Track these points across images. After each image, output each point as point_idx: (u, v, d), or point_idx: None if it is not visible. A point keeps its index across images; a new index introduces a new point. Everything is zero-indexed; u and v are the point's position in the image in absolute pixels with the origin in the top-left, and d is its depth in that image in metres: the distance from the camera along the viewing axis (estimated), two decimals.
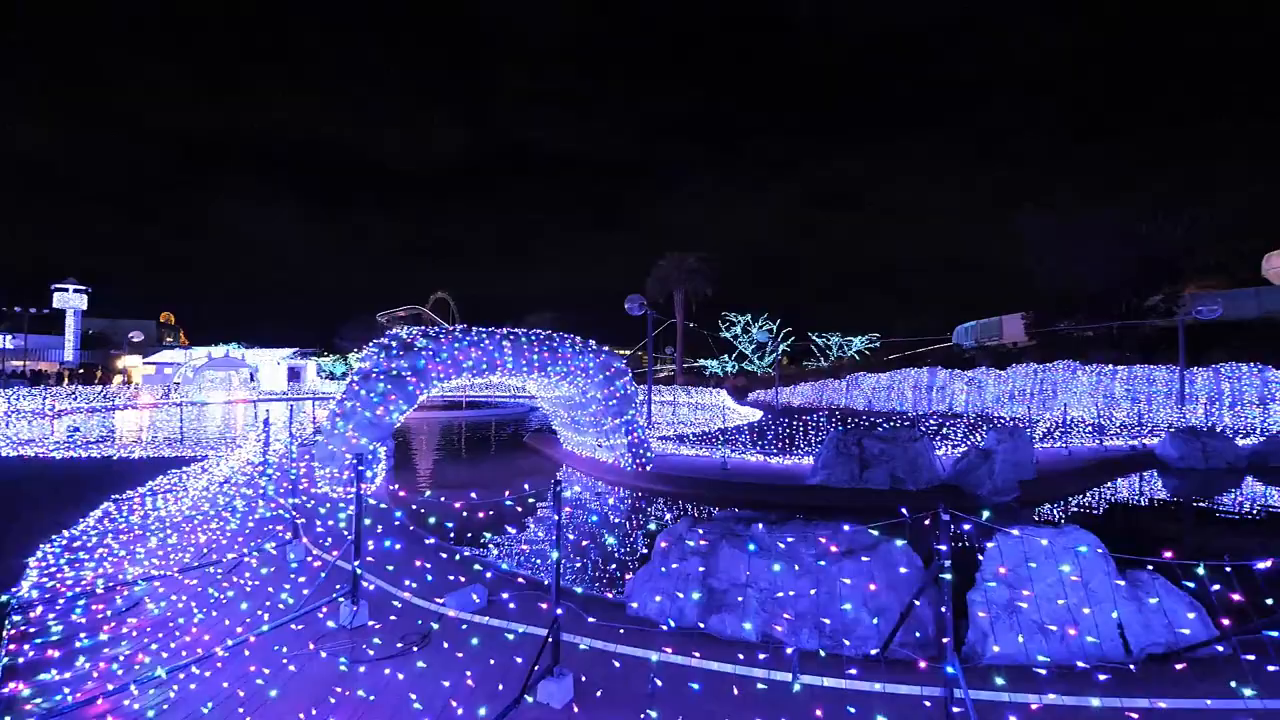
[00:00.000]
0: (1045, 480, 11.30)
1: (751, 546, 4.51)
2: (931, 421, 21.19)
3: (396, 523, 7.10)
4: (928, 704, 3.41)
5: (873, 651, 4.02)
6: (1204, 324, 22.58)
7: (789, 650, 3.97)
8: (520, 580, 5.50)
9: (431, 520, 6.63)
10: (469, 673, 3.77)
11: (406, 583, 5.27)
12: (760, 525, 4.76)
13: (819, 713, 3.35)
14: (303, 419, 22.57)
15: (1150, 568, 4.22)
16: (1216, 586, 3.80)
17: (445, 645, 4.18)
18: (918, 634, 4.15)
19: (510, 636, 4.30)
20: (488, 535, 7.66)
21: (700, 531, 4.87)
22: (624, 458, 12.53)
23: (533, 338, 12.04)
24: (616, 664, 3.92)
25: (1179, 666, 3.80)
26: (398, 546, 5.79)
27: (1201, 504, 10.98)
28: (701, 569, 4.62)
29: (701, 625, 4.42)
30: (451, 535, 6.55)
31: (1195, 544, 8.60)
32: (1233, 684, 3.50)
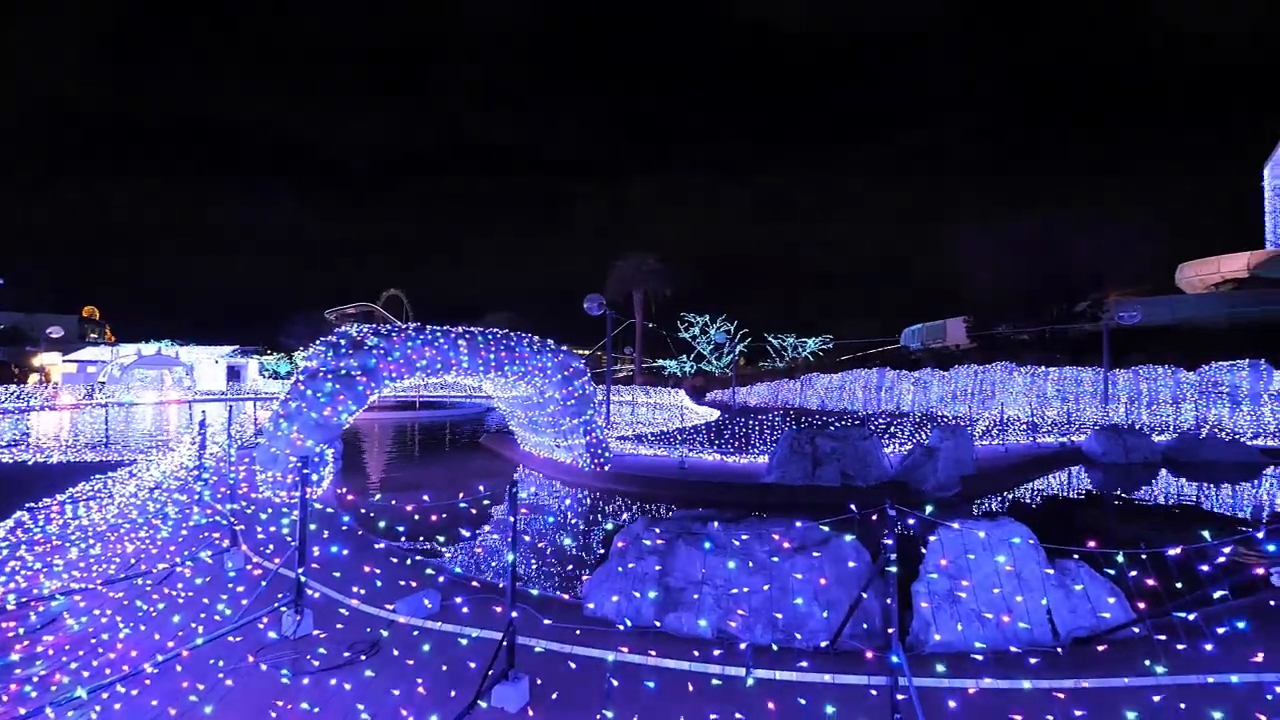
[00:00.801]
0: (984, 476, 11.89)
1: (707, 545, 4.57)
2: (880, 420, 21.99)
3: (344, 527, 6.85)
4: (874, 692, 3.54)
5: (823, 644, 4.14)
6: (1125, 329, 24.30)
7: (742, 646, 4.05)
8: (474, 584, 5.41)
9: (382, 524, 6.43)
10: (420, 680, 3.68)
11: (354, 589, 5.09)
12: (716, 524, 4.83)
13: (771, 705, 3.43)
14: (243, 420, 21.44)
15: (1076, 556, 4.50)
16: (1134, 573, 4.10)
17: (395, 653, 4.07)
18: (865, 625, 4.30)
19: (464, 641, 4.21)
20: (441, 539, 7.49)
21: (657, 531, 4.91)
22: (582, 458, 12.47)
23: (489, 337, 11.84)
24: (573, 665, 3.90)
25: (1100, 648, 4.08)
26: (345, 552, 5.59)
27: (1122, 496, 11.80)
28: (658, 568, 4.65)
29: (658, 624, 4.45)
30: (403, 539, 6.37)
31: (1116, 533, 9.23)
32: (1147, 663, 3.77)
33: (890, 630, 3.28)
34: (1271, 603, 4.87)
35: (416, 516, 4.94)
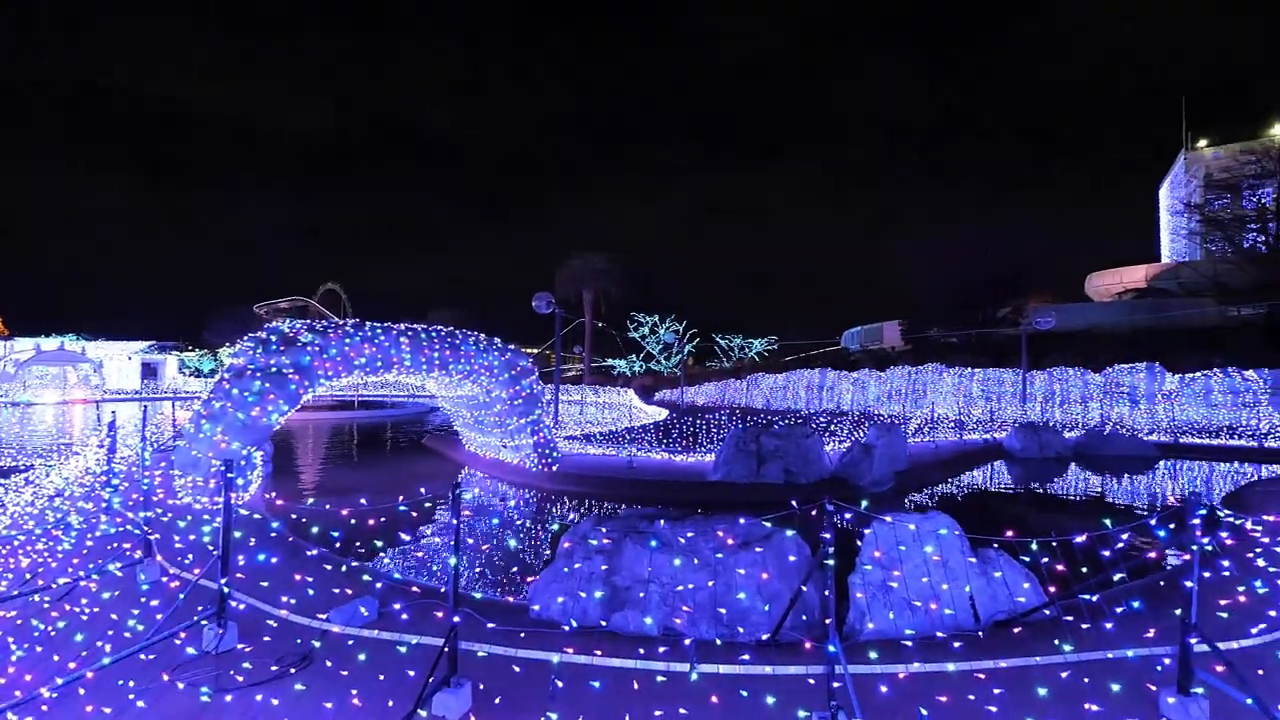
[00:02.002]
0: (916, 471, 12.54)
1: (654, 543, 4.61)
2: (822, 419, 22.78)
3: (273, 534, 6.49)
4: (812, 681, 3.67)
5: (764, 636, 4.25)
6: (1042, 333, 26.16)
7: (687, 642, 4.11)
8: (415, 589, 5.24)
9: (315, 530, 6.12)
10: (355, 691, 3.53)
11: (284, 599, 4.83)
12: (663, 522, 4.88)
13: (714, 699, 3.50)
14: (160, 421, 19.93)
15: (996, 546, 4.81)
16: (1045, 559, 4.43)
17: (329, 664, 3.89)
18: (804, 617, 4.45)
19: (403, 649, 4.08)
20: (379, 544, 7.22)
21: (604, 530, 4.91)
22: (530, 458, 12.30)
23: (433, 334, 11.49)
24: (517, 669, 3.85)
25: (1016, 630, 4.38)
26: (274, 560, 5.30)
27: (1036, 488, 12.72)
28: (604, 567, 4.65)
29: (604, 623, 4.45)
30: (338, 545, 6.09)
31: (1031, 523, 9.94)
32: (1056, 642, 4.09)
33: (828, 621, 3.41)
34: (1162, 583, 5.38)
35: (353, 521, 4.74)
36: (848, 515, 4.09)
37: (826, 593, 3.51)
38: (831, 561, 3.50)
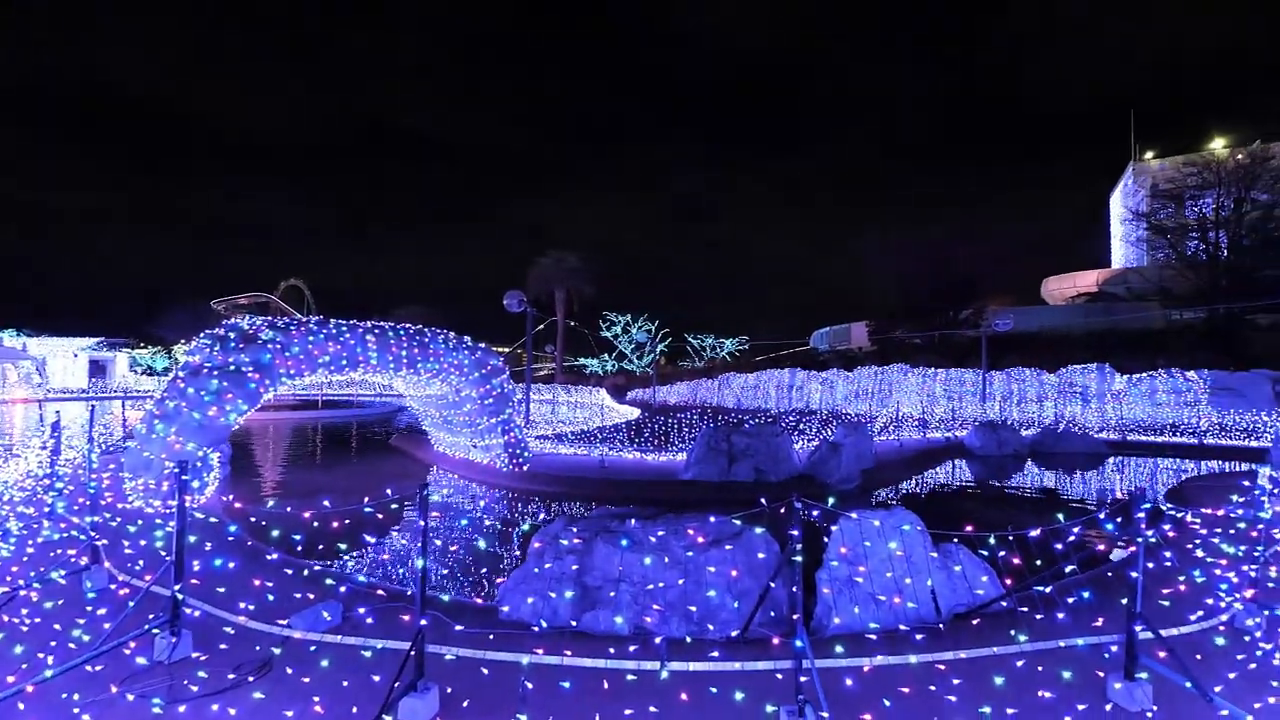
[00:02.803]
0: (882, 468, 12.85)
1: (624, 542, 4.62)
2: (791, 418, 23.14)
3: (231, 538, 6.27)
4: (779, 676, 3.73)
5: (734, 633, 4.30)
6: (1001, 335, 27.10)
7: (657, 640, 4.13)
8: (380, 593, 5.12)
9: (275, 533, 5.94)
10: (318, 698, 3.44)
11: (242, 605, 4.67)
12: (634, 521, 4.89)
13: (684, 696, 3.52)
14: (109, 422, 19.01)
15: (956, 540, 4.97)
16: (1002, 553, 4.60)
17: (289, 671, 3.77)
18: (773, 613, 4.52)
19: (368, 654, 3.99)
20: (343, 547, 7.04)
21: (575, 530, 4.89)
22: (500, 458, 12.17)
23: (401, 332, 11.26)
24: (486, 671, 3.80)
25: (975, 622, 4.53)
26: (232, 565, 5.11)
27: (995, 484, 13.17)
28: (575, 567, 4.64)
29: (574, 623, 4.43)
30: (300, 549, 5.92)
31: (989, 518, 10.29)
32: (1012, 632, 4.25)
33: (795, 617, 3.47)
34: (1109, 574, 5.63)
35: (316, 524, 4.62)
36: (815, 512, 4.18)
37: (794, 589, 3.57)
38: (799, 558, 3.56)
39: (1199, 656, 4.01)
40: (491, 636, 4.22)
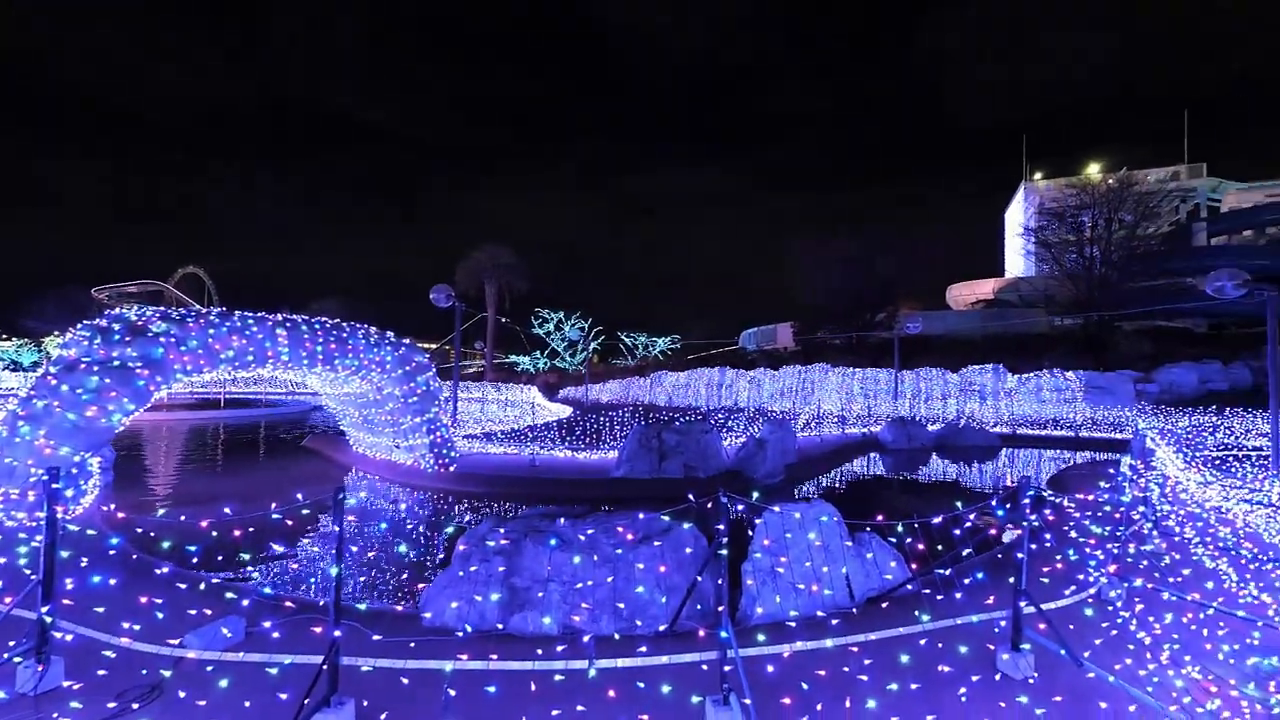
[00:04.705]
0: (804, 463, 13.46)
1: (553, 541, 4.57)
2: (720, 415, 23.77)
3: (112, 552, 5.66)
4: (705, 668, 3.82)
5: (662, 628, 4.37)
6: (911, 337, 29.10)
7: (586, 638, 4.12)
8: (289, 605, 4.80)
9: (167, 545, 5.41)
10: None
11: (126, 626, 4.23)
12: (563, 520, 4.85)
13: (612, 693, 3.54)
14: None
15: (868, 529, 5.29)
16: (909, 539, 4.95)
17: (182, 695, 3.46)
18: (699, 606, 4.62)
19: (274, 671, 3.72)
20: (246, 557, 6.53)
21: (503, 531, 4.79)
22: (425, 458, 11.71)
23: (316, 326, 10.58)
24: (406, 681, 3.65)
25: (884, 605, 4.85)
26: (113, 582, 4.62)
27: (905, 476, 14.14)
28: (502, 569, 4.54)
29: (500, 626, 4.35)
30: (195, 561, 5.42)
31: (899, 507, 11.04)
32: (916, 613, 4.57)
33: (720, 609, 3.57)
34: (999, 556, 6.19)
35: (215, 533, 4.25)
36: (741, 507, 4.32)
37: (720, 582, 3.68)
38: (725, 551, 3.67)
39: (1072, 626, 4.49)
40: (413, 644, 4.06)
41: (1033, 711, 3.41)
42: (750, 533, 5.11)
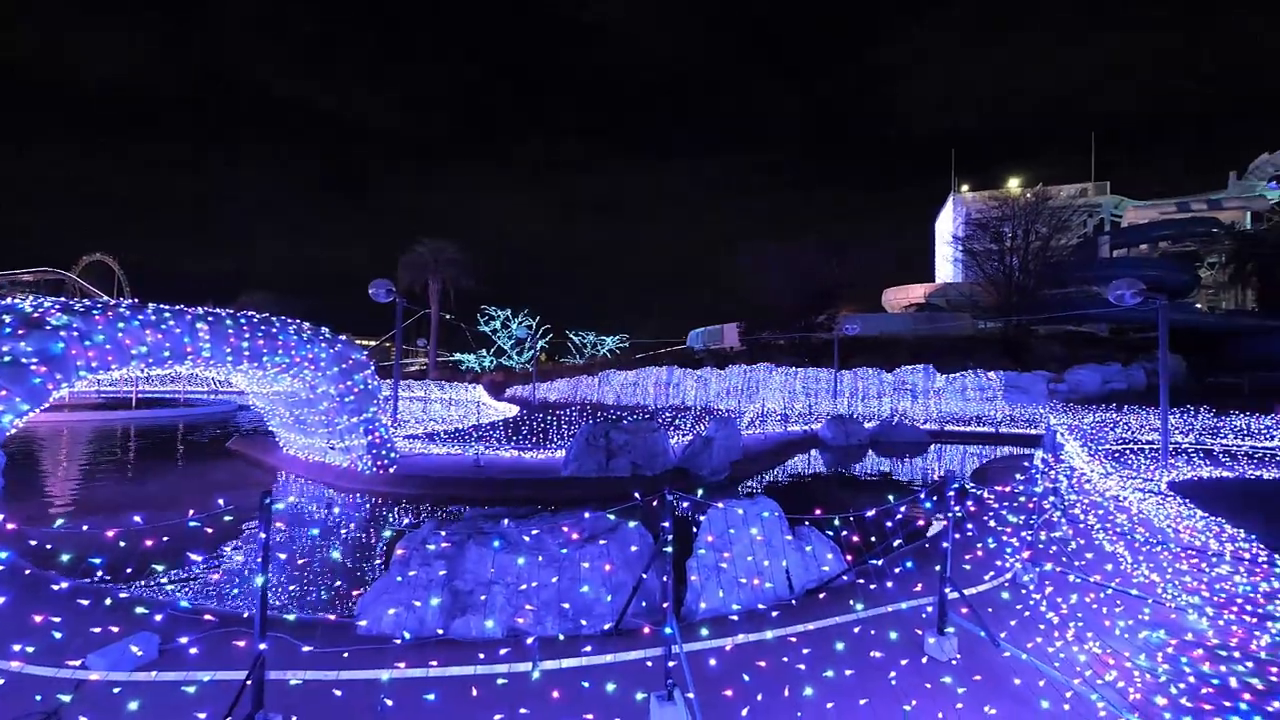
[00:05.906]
0: (749, 460, 13.78)
1: (497, 543, 4.49)
2: (668, 414, 24.02)
3: (0, 566, 5.13)
4: (649, 664, 3.86)
5: (607, 626, 4.37)
6: (849, 338, 30.36)
7: (530, 640, 4.07)
8: (209, 618, 4.49)
9: (65, 558, 4.96)
10: None
11: (16, 648, 3.85)
12: (507, 521, 4.77)
13: (556, 694, 3.51)
14: None
15: (807, 523, 5.48)
16: (845, 532, 5.16)
17: None
18: (644, 604, 4.66)
19: (192, 689, 3.48)
20: (160, 569, 6.07)
21: (444, 534, 4.66)
22: (363, 460, 11.23)
23: (242, 321, 9.94)
24: (339, 693, 3.50)
25: (822, 596, 5.04)
26: (1, 600, 4.19)
27: (842, 471, 14.73)
28: (443, 572, 4.42)
29: (441, 632, 4.23)
30: (100, 574, 4.98)
31: (836, 501, 11.49)
32: (851, 602, 4.78)
33: (665, 605, 3.61)
34: (927, 545, 6.55)
35: (123, 544, 3.92)
36: (686, 504, 4.38)
37: (665, 578, 3.71)
38: (670, 549, 3.71)
39: (990, 609, 4.81)
40: (346, 654, 3.89)
41: (955, 690, 3.63)
42: (695, 529, 5.19)
